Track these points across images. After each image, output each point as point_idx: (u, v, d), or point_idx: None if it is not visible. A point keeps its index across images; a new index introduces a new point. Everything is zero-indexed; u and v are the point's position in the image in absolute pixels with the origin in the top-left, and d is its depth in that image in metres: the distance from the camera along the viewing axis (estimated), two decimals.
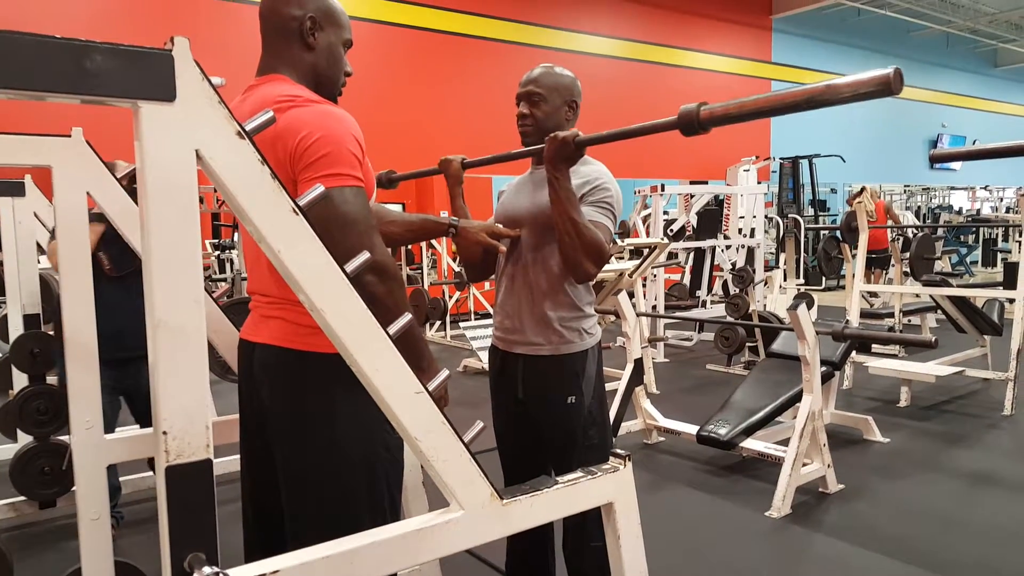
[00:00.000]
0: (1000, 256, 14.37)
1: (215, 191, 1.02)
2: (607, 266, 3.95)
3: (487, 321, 7.02)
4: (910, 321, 7.21)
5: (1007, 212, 16.48)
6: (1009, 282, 5.64)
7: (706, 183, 11.44)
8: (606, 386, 2.12)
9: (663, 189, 6.97)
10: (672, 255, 7.56)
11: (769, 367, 4.15)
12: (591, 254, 1.79)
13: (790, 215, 10.79)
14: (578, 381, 1.95)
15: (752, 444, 3.63)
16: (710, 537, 3.03)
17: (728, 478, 3.68)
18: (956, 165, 17.60)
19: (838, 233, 7.30)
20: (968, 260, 14.08)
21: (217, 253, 8.48)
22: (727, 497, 3.43)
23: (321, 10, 1.50)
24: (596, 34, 11.24)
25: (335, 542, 1.04)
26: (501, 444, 2.13)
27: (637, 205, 8.20)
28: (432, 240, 8.20)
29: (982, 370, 5.34)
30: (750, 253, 7.58)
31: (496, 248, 1.93)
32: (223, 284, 7.84)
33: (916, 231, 8.32)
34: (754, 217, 7.87)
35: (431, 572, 1.90)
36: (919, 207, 16.71)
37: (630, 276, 5.63)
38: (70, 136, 1.84)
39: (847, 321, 4.55)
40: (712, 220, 7.90)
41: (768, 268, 7.85)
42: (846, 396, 5.18)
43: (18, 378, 3.58)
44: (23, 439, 3.45)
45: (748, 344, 6.05)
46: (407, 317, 1.15)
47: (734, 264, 7.48)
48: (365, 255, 1.09)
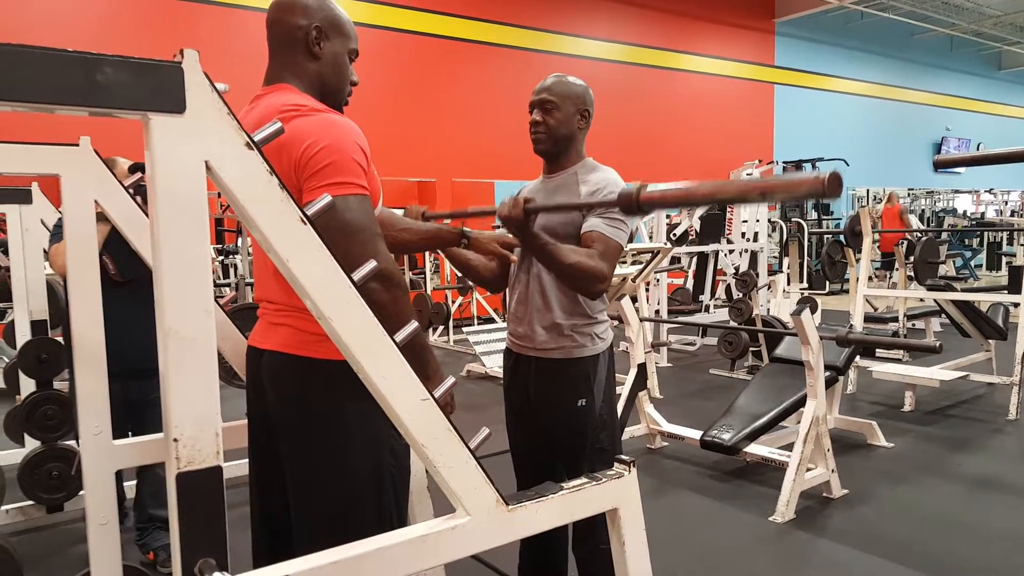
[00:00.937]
0: (1005, 260, 14.35)
1: (219, 196, 1.03)
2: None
3: (490, 326, 7.03)
4: (914, 325, 7.20)
5: (1012, 216, 16.46)
6: (1014, 286, 5.64)
7: None
8: (615, 388, 2.14)
9: None
10: (675, 259, 7.56)
11: (773, 372, 4.15)
12: (590, 281, 1.83)
13: (793, 219, 10.80)
14: (589, 384, 1.97)
15: (756, 449, 3.63)
16: (714, 542, 3.04)
17: (732, 483, 3.68)
18: (960, 168, 17.57)
19: (842, 237, 7.30)
20: (973, 264, 14.05)
21: (221, 258, 8.50)
22: (731, 502, 3.43)
23: (327, 20, 1.51)
24: (599, 38, 11.26)
25: (342, 547, 1.05)
26: (513, 446, 2.16)
27: None
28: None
29: (986, 374, 5.33)
30: (753, 257, 7.58)
31: (508, 257, 1.96)
32: (228, 290, 7.86)
33: (920, 235, 8.31)
34: (757, 221, 7.87)
35: None
36: (923, 210, 16.67)
37: (633, 281, 5.63)
38: (78, 145, 1.87)
39: (851, 326, 4.55)
40: (715, 224, 7.90)
41: (771, 272, 7.85)
42: (850, 400, 5.17)
43: (25, 383, 3.59)
44: (31, 444, 3.47)
45: (751, 349, 6.06)
46: (413, 325, 1.16)
47: (737, 268, 7.48)
48: (372, 264, 1.10)
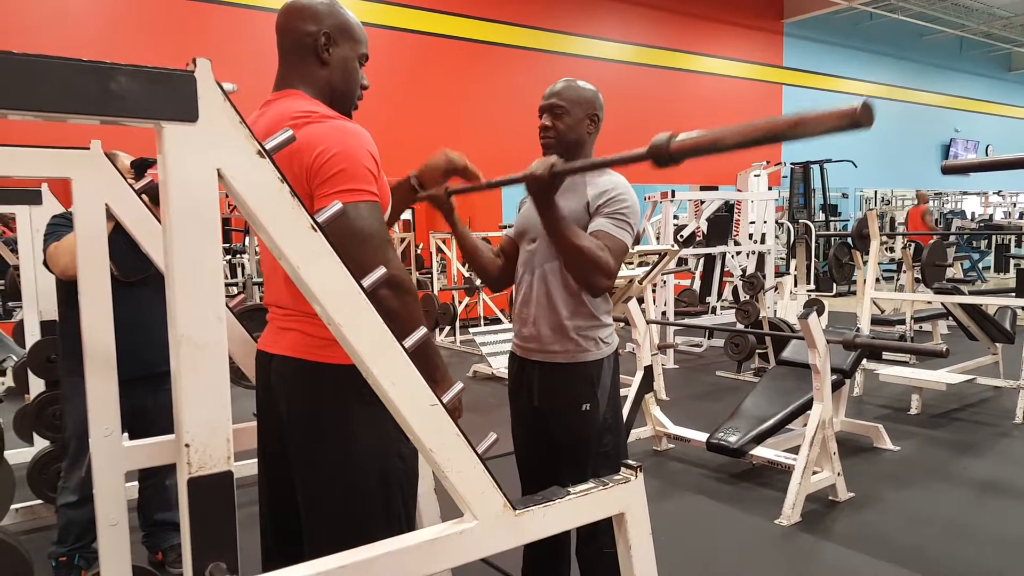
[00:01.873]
0: (1013, 262, 14.28)
1: (226, 196, 1.04)
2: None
3: (497, 327, 7.04)
4: (921, 328, 7.17)
5: (1020, 218, 16.37)
6: (1021, 289, 5.61)
7: (716, 189, 11.43)
8: (619, 390, 2.14)
9: (673, 195, 6.98)
10: (682, 261, 7.56)
11: (779, 374, 4.14)
12: (596, 271, 1.79)
13: (801, 221, 10.78)
14: (593, 388, 1.97)
15: (762, 452, 3.63)
16: (720, 545, 3.04)
17: (738, 486, 3.68)
18: None
19: (849, 239, 7.28)
20: (980, 266, 13.99)
21: (228, 257, 8.54)
22: (737, 505, 3.43)
23: (336, 25, 1.52)
24: (607, 39, 11.26)
25: (351, 551, 1.06)
26: (518, 450, 2.16)
27: (647, 211, 8.20)
28: (439, 244, 8.23)
29: (993, 378, 5.31)
30: (760, 259, 7.57)
31: (465, 171, 1.86)
32: (235, 289, 7.89)
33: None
34: (764, 223, 7.86)
35: None
36: (931, 212, 16.61)
37: (640, 283, 5.63)
38: (89, 148, 1.88)
39: (858, 329, 4.54)
40: (722, 226, 7.89)
41: (779, 274, 7.84)
42: (856, 403, 5.16)
43: (35, 383, 3.62)
44: (40, 443, 3.50)
45: (758, 351, 6.05)
46: (422, 330, 1.17)
47: (744, 270, 7.47)
48: (382, 270, 1.11)
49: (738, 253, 7.65)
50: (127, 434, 2.48)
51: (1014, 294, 6.16)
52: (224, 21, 8.15)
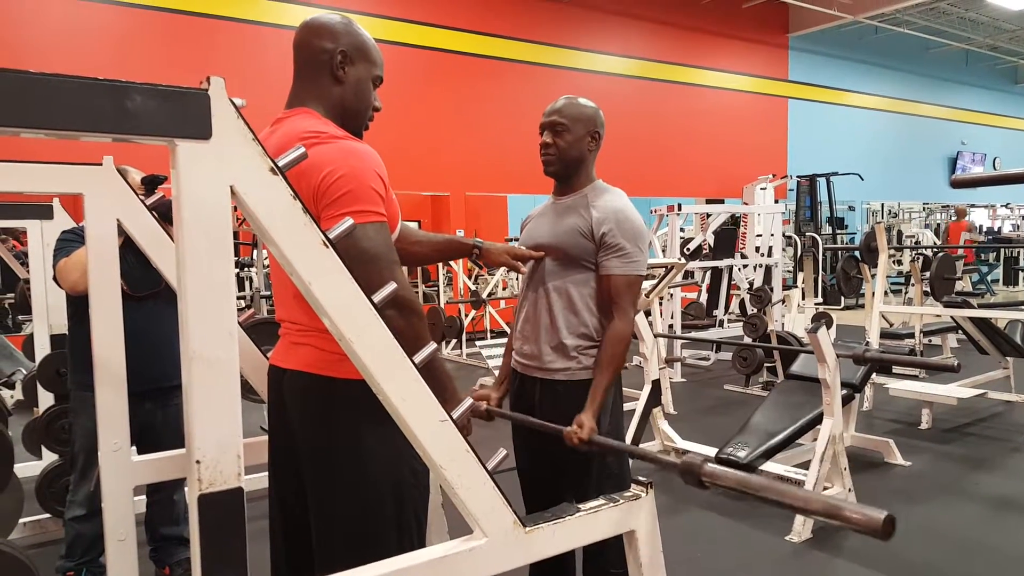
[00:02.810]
0: (1022, 275, 14.20)
1: (235, 209, 1.05)
2: None
3: (503, 340, 7.03)
4: (930, 341, 7.13)
5: None
6: None
7: (722, 202, 11.45)
8: (623, 407, 2.13)
9: (679, 208, 6.98)
10: (689, 274, 7.55)
11: (788, 389, 4.12)
12: (628, 341, 1.95)
13: (808, 233, 10.76)
14: None
15: (772, 467, 3.60)
16: (730, 561, 3.01)
17: (748, 502, 3.63)
18: None
19: (857, 252, 7.26)
20: (989, 279, 13.92)
21: (236, 271, 8.56)
22: (746, 521, 3.40)
23: (353, 45, 1.53)
24: (612, 54, 11.30)
25: (362, 568, 1.06)
26: (520, 467, 2.14)
27: (653, 224, 8.21)
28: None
29: (1005, 392, 5.27)
30: (767, 272, 7.55)
31: (518, 269, 1.98)
32: (243, 303, 7.91)
33: (936, 251, 8.26)
34: (771, 236, 7.85)
35: None
36: (939, 225, 16.56)
37: (647, 296, 5.62)
38: (101, 164, 1.90)
39: (868, 343, 4.52)
40: (729, 239, 7.88)
41: (786, 287, 7.82)
42: (866, 418, 5.13)
43: (44, 397, 3.63)
44: (48, 457, 3.50)
45: (766, 364, 6.02)
46: (432, 347, 1.18)
47: (751, 283, 7.46)
48: (392, 286, 1.12)
49: (745, 266, 7.63)
50: (135, 448, 2.49)
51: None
52: (232, 38, 8.22)
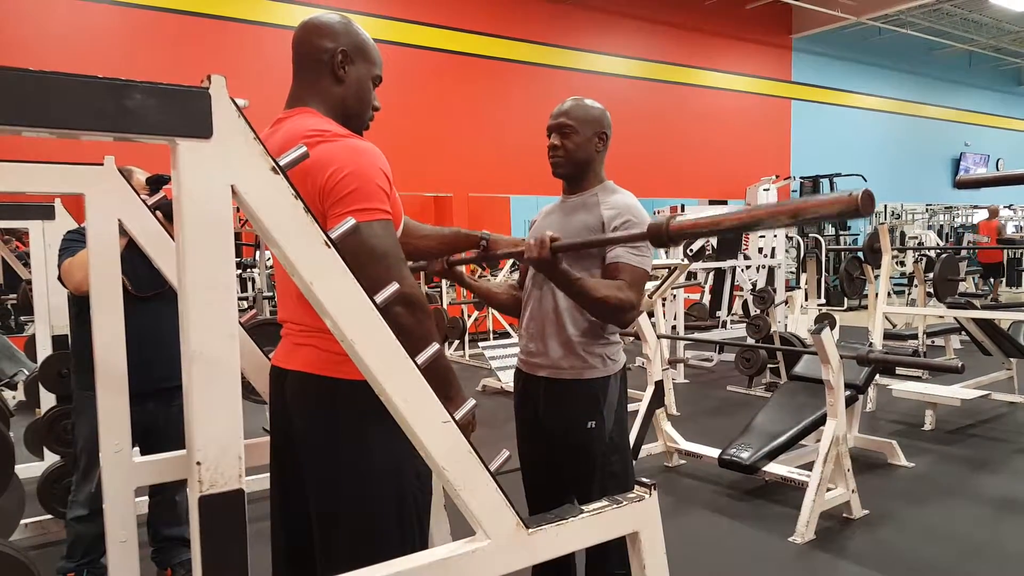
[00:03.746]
0: None
1: (237, 210, 1.04)
2: None
3: (506, 341, 7.02)
4: (933, 342, 7.11)
5: None
6: None
7: (725, 203, 11.43)
8: (627, 408, 2.12)
9: (683, 209, 6.97)
10: (692, 275, 7.53)
11: (791, 390, 4.11)
12: (620, 312, 1.84)
13: (811, 235, 10.74)
14: (599, 406, 1.95)
15: (775, 468, 3.59)
16: (732, 563, 3.00)
17: (751, 502, 3.65)
18: None
19: (860, 253, 7.24)
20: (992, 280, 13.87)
21: (238, 272, 8.56)
22: (750, 522, 3.39)
23: (353, 44, 1.53)
24: (615, 55, 11.30)
25: (364, 570, 1.05)
26: (524, 467, 2.14)
27: None
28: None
29: (1008, 393, 5.25)
30: (771, 273, 7.54)
31: (527, 249, 1.94)
32: (245, 303, 7.91)
33: (939, 252, 8.24)
34: (775, 237, 7.83)
35: None
36: (941, 226, 16.52)
37: (650, 297, 5.61)
38: (102, 164, 1.89)
39: (871, 344, 4.51)
40: (732, 240, 7.86)
41: (789, 288, 7.80)
42: (870, 419, 5.11)
43: (46, 397, 3.63)
44: (50, 458, 3.50)
45: (769, 366, 6.01)
46: (435, 347, 1.17)
47: (754, 284, 7.44)
48: (394, 286, 1.11)
49: (748, 267, 7.62)
50: (137, 448, 2.49)
51: None
52: (232, 38, 8.22)
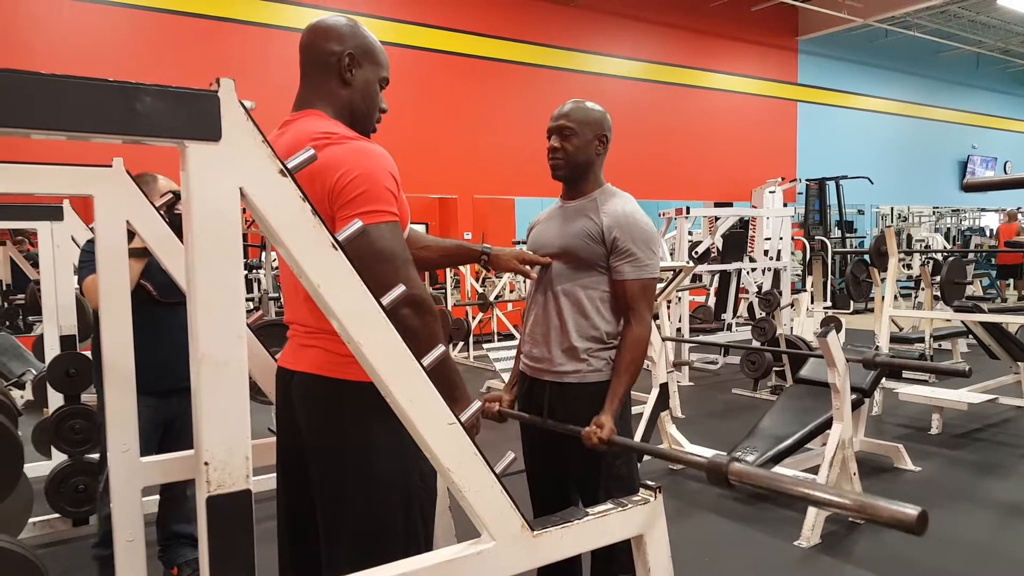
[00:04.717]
0: None
1: (243, 211, 1.05)
2: None
3: (510, 342, 7.02)
4: (940, 346, 7.08)
5: None
6: None
7: (731, 205, 11.40)
8: (631, 410, 2.13)
9: (688, 211, 6.96)
10: (697, 277, 7.52)
11: (797, 393, 4.10)
12: (646, 348, 1.95)
13: (817, 237, 10.71)
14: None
15: (780, 472, 3.58)
16: (738, 566, 3.00)
17: (756, 506, 3.63)
18: None
19: (867, 256, 7.22)
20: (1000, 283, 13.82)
21: (245, 273, 8.58)
22: (755, 525, 3.38)
23: (360, 47, 1.54)
24: (620, 56, 11.29)
25: (370, 571, 1.05)
26: (529, 470, 2.14)
27: (661, 228, 8.19)
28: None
29: (1016, 398, 5.23)
30: (776, 276, 7.52)
31: (527, 274, 1.97)
32: (251, 304, 7.93)
33: (946, 255, 8.20)
34: (780, 239, 7.81)
35: None
36: (948, 229, 16.46)
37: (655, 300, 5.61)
38: (111, 166, 1.91)
39: (878, 348, 4.50)
40: (738, 242, 7.85)
41: (795, 291, 7.78)
42: (876, 423, 5.09)
43: (54, 397, 3.64)
44: (58, 457, 3.51)
45: (775, 369, 5.99)
46: (441, 349, 1.17)
47: (760, 287, 7.43)
48: (401, 288, 1.11)
49: (753, 270, 7.61)
50: (160, 442, 2.61)
51: None
52: (239, 40, 8.25)
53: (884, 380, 5.10)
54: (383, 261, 1.32)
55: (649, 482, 1.34)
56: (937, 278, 6.88)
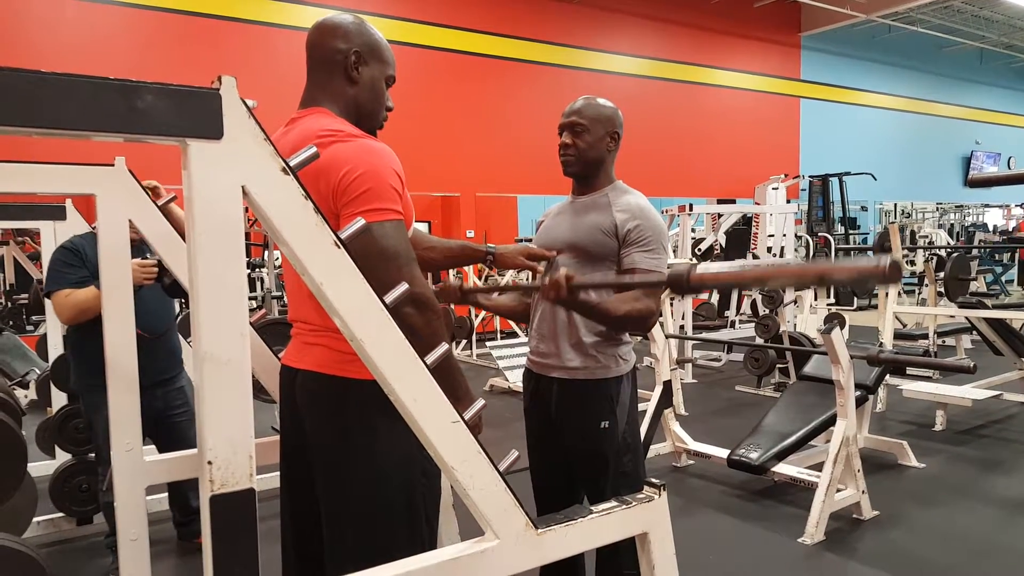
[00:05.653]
0: None
1: (246, 209, 1.03)
2: None
3: (513, 340, 7.02)
4: (944, 342, 7.06)
5: None
6: None
7: (734, 202, 11.39)
8: (638, 408, 2.12)
9: (691, 208, 6.95)
10: None
11: (801, 390, 4.09)
12: (642, 321, 1.87)
13: (820, 234, 10.70)
14: (612, 406, 1.95)
15: (784, 469, 3.58)
16: (742, 563, 2.99)
17: (760, 503, 3.63)
18: None
19: (870, 252, 7.20)
20: (1004, 279, 13.78)
21: (248, 272, 8.57)
22: (759, 522, 3.38)
23: (366, 45, 1.53)
24: (623, 53, 11.28)
25: (374, 569, 1.05)
26: (533, 467, 2.14)
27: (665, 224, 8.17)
28: None
29: (1020, 394, 5.21)
30: None
31: (534, 269, 1.96)
32: (254, 303, 7.94)
33: (950, 251, 8.19)
34: (784, 236, 7.80)
35: None
36: (952, 225, 16.42)
37: None
38: (113, 165, 1.91)
39: (881, 344, 4.48)
40: (741, 239, 7.85)
41: (798, 288, 7.76)
42: (880, 419, 5.09)
43: (57, 396, 3.65)
44: (62, 456, 3.52)
45: (779, 366, 5.98)
46: (444, 347, 1.17)
47: None
48: (404, 287, 1.11)
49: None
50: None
51: None
52: (242, 39, 8.24)
53: (888, 377, 5.08)
54: (386, 259, 1.32)
55: (653, 480, 1.33)
56: (941, 274, 6.86)
